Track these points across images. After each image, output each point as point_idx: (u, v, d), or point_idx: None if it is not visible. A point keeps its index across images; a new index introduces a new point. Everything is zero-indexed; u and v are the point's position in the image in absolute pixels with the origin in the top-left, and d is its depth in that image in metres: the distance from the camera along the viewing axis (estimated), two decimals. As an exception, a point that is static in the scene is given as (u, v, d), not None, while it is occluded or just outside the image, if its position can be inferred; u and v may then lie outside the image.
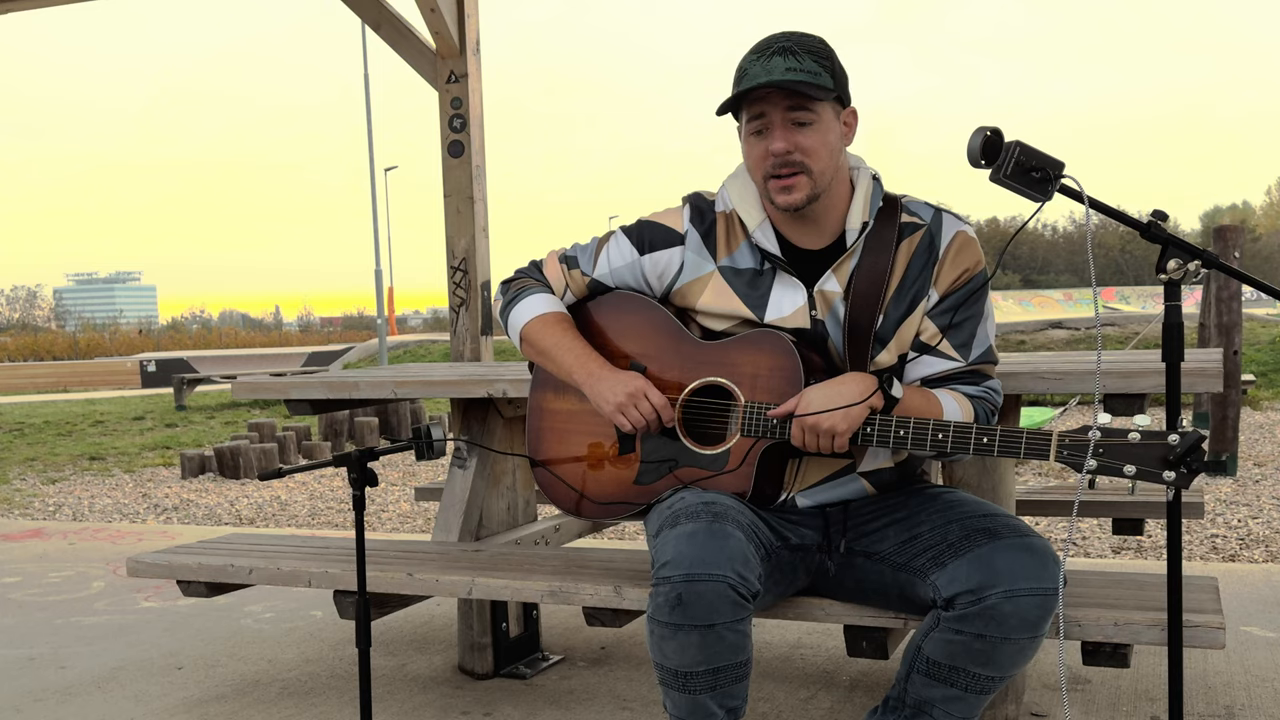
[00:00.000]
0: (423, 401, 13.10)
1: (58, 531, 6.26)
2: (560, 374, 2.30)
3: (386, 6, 5.15)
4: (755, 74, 2.03)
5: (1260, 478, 7.35)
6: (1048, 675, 3.04)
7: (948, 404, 2.10)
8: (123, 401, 19.12)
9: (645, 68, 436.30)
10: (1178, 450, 1.79)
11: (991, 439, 1.95)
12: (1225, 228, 7.81)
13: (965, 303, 2.15)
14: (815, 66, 2.04)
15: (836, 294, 2.15)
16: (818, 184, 2.08)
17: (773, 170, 2.07)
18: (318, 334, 64.17)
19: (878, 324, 2.14)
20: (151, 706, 3.09)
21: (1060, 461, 1.88)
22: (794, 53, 2.03)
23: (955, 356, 2.15)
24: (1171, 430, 1.80)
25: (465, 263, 5.07)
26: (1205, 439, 1.81)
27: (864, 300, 2.13)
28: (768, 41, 2.07)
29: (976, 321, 2.16)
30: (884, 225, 2.15)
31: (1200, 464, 1.79)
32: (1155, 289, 38.33)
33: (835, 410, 2.01)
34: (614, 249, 2.32)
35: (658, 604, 1.94)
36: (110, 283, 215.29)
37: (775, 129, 2.05)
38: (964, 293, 2.15)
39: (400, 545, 3.00)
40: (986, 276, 2.17)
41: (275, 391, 3.16)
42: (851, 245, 2.14)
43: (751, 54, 2.07)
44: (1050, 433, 1.90)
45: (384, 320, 26.45)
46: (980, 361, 2.17)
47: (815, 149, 2.06)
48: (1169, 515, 1.86)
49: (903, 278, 2.14)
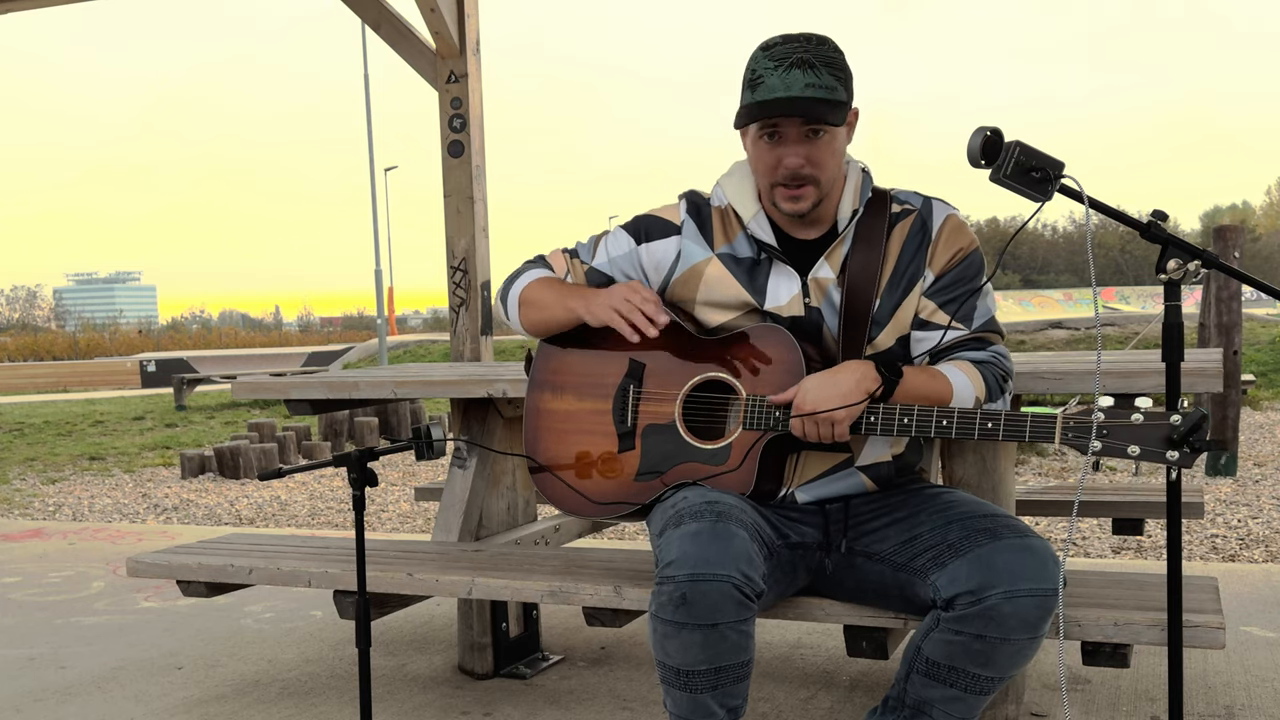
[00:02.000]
0: (423, 401, 13.10)
1: (58, 531, 6.26)
2: (559, 317, 2.31)
3: (386, 6, 5.15)
4: (774, 86, 2.03)
5: (1260, 478, 7.35)
6: (1048, 675, 3.04)
7: (954, 376, 2.09)
8: (123, 401, 19.13)
9: (646, 67, 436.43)
10: (1180, 429, 1.80)
11: (996, 423, 1.95)
12: (1225, 228, 7.81)
13: (961, 280, 2.17)
14: (833, 81, 2.04)
15: (830, 280, 2.17)
16: (823, 190, 2.12)
17: (782, 180, 2.09)
18: (318, 334, 64.19)
19: (874, 308, 2.15)
20: (151, 706, 3.09)
21: (1065, 444, 1.89)
22: (813, 66, 2.03)
23: (958, 326, 2.16)
24: (1173, 410, 1.81)
25: (465, 263, 5.07)
26: (1207, 417, 1.81)
27: (859, 284, 2.15)
28: (785, 49, 2.05)
29: (975, 296, 2.17)
30: (874, 213, 2.18)
31: (1203, 443, 1.80)
32: (1155, 289, 38.34)
33: (834, 399, 2.02)
34: (612, 241, 2.35)
35: (661, 602, 1.95)
36: (110, 283, 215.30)
37: (790, 143, 2.07)
38: (959, 270, 2.17)
39: (400, 545, 3.00)
40: (981, 257, 2.19)
41: (275, 391, 3.16)
42: (842, 232, 2.17)
43: (767, 60, 2.05)
44: (1054, 415, 1.90)
45: (384, 320, 26.46)
46: (984, 330, 2.18)
47: (825, 161, 2.09)
48: (1169, 515, 1.86)
49: (897, 261, 2.16)
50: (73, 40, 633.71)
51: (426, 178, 5.80)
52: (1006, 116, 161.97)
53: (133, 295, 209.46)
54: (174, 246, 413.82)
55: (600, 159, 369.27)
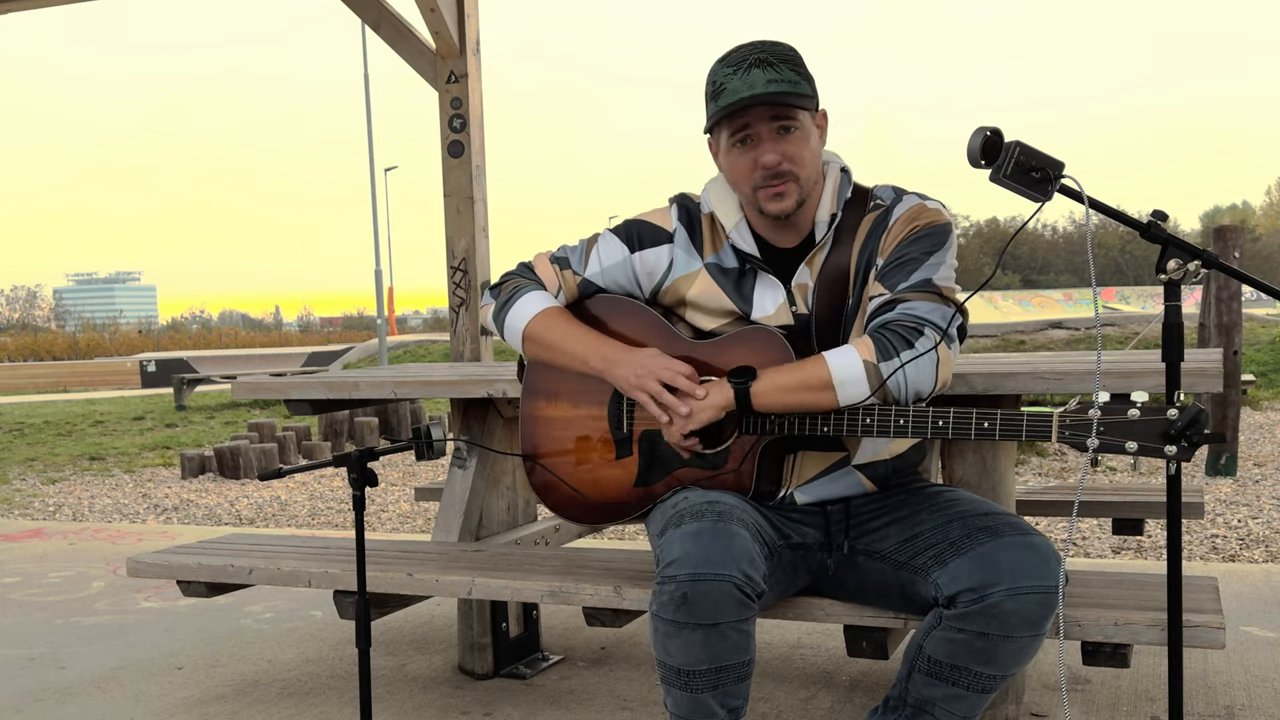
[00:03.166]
0: (423, 401, 13.10)
1: (58, 531, 6.26)
2: (573, 366, 2.25)
3: (386, 6, 5.15)
4: (736, 88, 2.03)
5: (1260, 478, 7.35)
6: (1048, 675, 3.04)
7: (833, 357, 2.01)
8: (123, 401, 19.13)
9: (646, 67, 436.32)
10: (1178, 424, 1.80)
11: (993, 423, 1.95)
12: (1225, 228, 7.81)
13: (906, 254, 2.08)
14: (794, 75, 2.05)
15: (809, 286, 2.17)
16: (804, 189, 2.11)
17: (762, 181, 2.08)
18: (318, 334, 64.20)
19: (847, 307, 2.15)
20: (151, 706, 3.09)
21: (1063, 441, 1.89)
22: (770, 64, 2.04)
23: (883, 292, 2.09)
24: (1170, 405, 1.81)
25: (465, 263, 5.07)
26: (1204, 412, 1.81)
27: (830, 287, 2.15)
28: (741, 54, 2.06)
29: (917, 264, 2.06)
30: (852, 214, 2.17)
31: (1201, 437, 1.80)
32: (1155, 289, 38.34)
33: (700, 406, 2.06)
34: (604, 248, 2.31)
35: (662, 602, 1.95)
36: (110, 283, 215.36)
37: (764, 141, 2.06)
38: (904, 245, 2.09)
39: (400, 545, 3.00)
40: (943, 232, 2.09)
41: (275, 391, 3.16)
42: (821, 239, 2.16)
43: (725, 67, 2.06)
44: (1051, 413, 1.90)
45: (384, 320, 26.45)
46: (908, 290, 2.04)
47: (802, 156, 2.08)
48: (1169, 515, 1.86)
49: (858, 255, 2.14)
50: (73, 41, 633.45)
51: (426, 178, 5.81)
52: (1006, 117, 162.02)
53: (133, 295, 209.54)
54: (174, 246, 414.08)
55: (600, 159, 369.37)
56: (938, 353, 1.99)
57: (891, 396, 2.00)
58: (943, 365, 2.00)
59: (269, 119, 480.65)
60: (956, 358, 2.08)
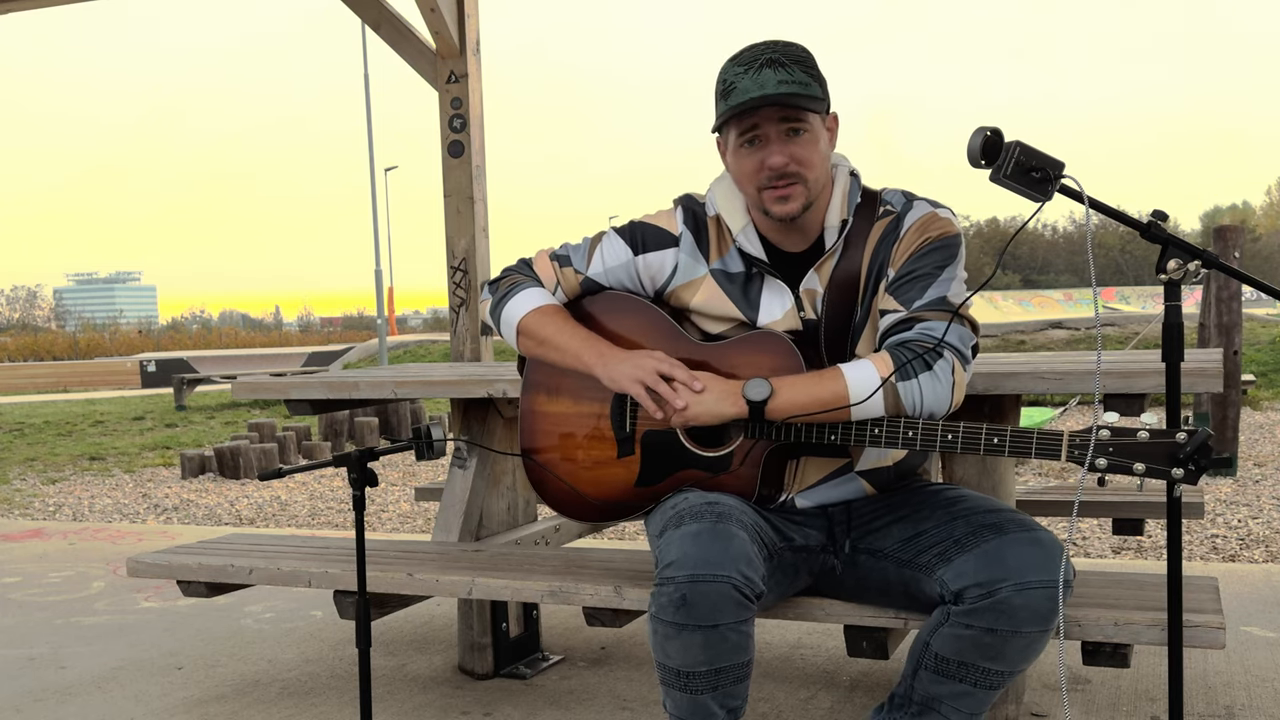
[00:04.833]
0: (423, 401, 13.10)
1: (58, 531, 6.26)
2: (566, 362, 2.24)
3: (386, 6, 5.15)
4: (746, 88, 2.02)
5: (1260, 478, 7.35)
6: (1048, 675, 3.04)
7: (851, 372, 2.01)
8: (123, 401, 19.13)
9: (647, 67, 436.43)
10: (1186, 449, 1.80)
11: (1002, 439, 1.95)
12: (1225, 228, 7.81)
13: (919, 267, 2.07)
14: (805, 77, 2.03)
15: (819, 292, 2.15)
16: (811, 192, 2.09)
17: (768, 182, 2.07)
18: (318, 334, 64.22)
19: (856, 315, 2.14)
20: (151, 706, 3.09)
21: (1071, 461, 1.89)
22: (782, 64, 2.02)
23: (897, 308, 2.09)
24: (1179, 429, 1.81)
25: (465, 263, 5.07)
26: (1213, 438, 1.81)
27: (840, 295, 2.14)
28: (753, 53, 2.05)
29: (931, 281, 2.06)
30: (863, 219, 2.15)
31: (1208, 461, 1.80)
32: (1155, 289, 38.34)
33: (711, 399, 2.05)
34: (608, 248, 2.29)
35: (661, 604, 1.94)
36: (110, 283, 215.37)
37: (771, 142, 2.05)
38: (918, 258, 2.08)
39: (400, 545, 3.00)
40: (954, 244, 2.10)
41: (275, 391, 3.16)
42: (831, 246, 2.14)
43: (736, 66, 2.05)
44: (1060, 433, 1.90)
45: (384, 320, 26.45)
46: (924, 309, 2.04)
47: (810, 159, 2.06)
48: (1169, 515, 1.86)
49: (869, 264, 2.13)
50: (73, 41, 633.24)
51: (426, 178, 5.80)
52: (1006, 117, 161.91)
53: (133, 295, 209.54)
54: (174, 247, 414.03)
55: (601, 159, 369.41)
56: (954, 376, 2.01)
57: (905, 415, 2.01)
58: (958, 389, 2.02)
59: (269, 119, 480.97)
60: (969, 377, 2.09)
